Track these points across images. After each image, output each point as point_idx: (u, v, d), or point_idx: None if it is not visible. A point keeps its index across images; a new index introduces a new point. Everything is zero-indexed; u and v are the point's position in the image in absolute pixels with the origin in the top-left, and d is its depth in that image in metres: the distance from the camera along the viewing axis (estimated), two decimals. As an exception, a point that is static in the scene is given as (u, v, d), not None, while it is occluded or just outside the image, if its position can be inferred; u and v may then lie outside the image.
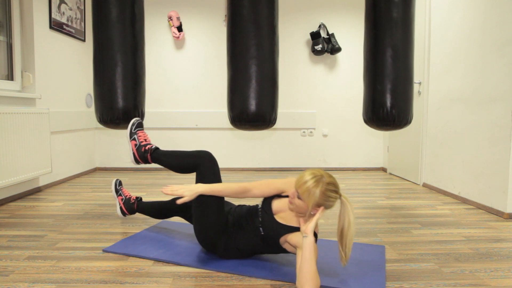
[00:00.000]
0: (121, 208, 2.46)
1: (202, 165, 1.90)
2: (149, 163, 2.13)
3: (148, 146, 2.13)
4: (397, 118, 2.46)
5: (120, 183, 2.54)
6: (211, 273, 1.75)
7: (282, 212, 1.78)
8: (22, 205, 2.92)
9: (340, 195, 1.63)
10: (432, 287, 1.62)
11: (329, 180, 1.60)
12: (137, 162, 2.17)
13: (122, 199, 2.47)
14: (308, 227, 1.59)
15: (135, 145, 2.15)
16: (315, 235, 1.63)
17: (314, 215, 1.61)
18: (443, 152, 3.44)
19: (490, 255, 1.98)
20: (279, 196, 1.83)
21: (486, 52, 2.88)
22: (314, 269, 1.52)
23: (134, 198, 2.44)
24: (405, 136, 4.15)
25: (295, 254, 1.73)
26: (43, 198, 3.14)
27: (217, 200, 1.85)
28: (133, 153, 2.16)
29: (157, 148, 2.13)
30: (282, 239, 1.72)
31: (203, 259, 1.88)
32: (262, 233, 1.77)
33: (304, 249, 1.56)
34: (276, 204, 1.80)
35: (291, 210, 1.69)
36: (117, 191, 2.50)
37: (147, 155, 2.12)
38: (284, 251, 1.77)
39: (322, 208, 1.61)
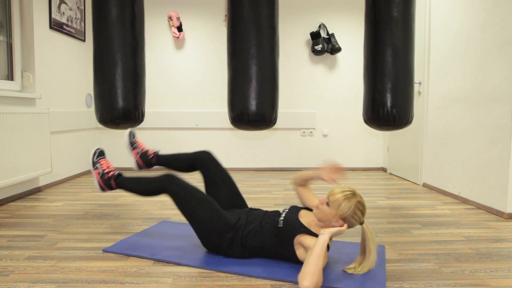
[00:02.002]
0: (136, 161, 2.37)
1: (168, 189, 1.92)
2: (114, 189, 2.16)
3: (111, 172, 2.17)
4: (397, 117, 2.46)
5: (134, 135, 2.45)
6: (211, 273, 1.75)
7: (307, 218, 1.84)
8: (22, 205, 2.92)
9: (363, 222, 1.74)
10: (432, 287, 1.62)
11: (360, 200, 1.73)
12: (102, 190, 2.20)
13: (138, 153, 2.39)
14: (328, 229, 1.66)
15: (99, 173, 2.19)
16: (328, 247, 1.69)
17: (335, 225, 1.70)
18: (443, 152, 3.44)
19: (490, 255, 1.98)
20: (307, 208, 1.96)
21: (486, 52, 2.88)
22: (319, 266, 1.54)
23: (152, 152, 2.37)
24: (405, 136, 4.15)
25: (298, 263, 1.75)
26: (43, 198, 3.14)
27: (206, 206, 1.88)
28: (97, 182, 2.19)
29: (120, 174, 2.17)
30: (297, 238, 1.74)
31: (203, 259, 1.88)
32: (280, 225, 1.79)
33: (316, 245, 1.59)
34: (304, 212, 1.90)
35: (316, 215, 1.77)
36: (131, 144, 2.42)
37: (111, 181, 2.15)
38: (290, 255, 1.78)
39: (344, 224, 1.70)
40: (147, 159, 2.37)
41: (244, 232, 1.85)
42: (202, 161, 2.21)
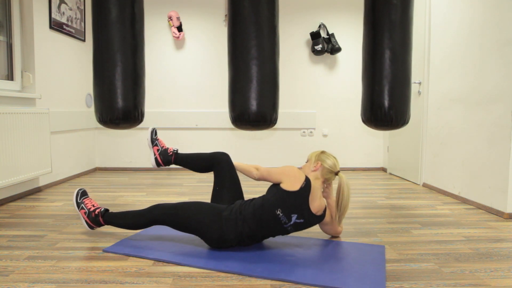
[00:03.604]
0: (156, 158, 2.40)
1: (159, 220, 2.01)
2: (103, 225, 2.21)
3: (97, 210, 2.20)
4: (394, 118, 2.48)
5: (156, 133, 2.49)
6: (211, 273, 1.75)
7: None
8: (22, 205, 2.92)
9: (339, 171, 2.12)
10: (432, 287, 1.62)
11: (325, 151, 2.19)
12: (91, 227, 2.23)
13: (158, 150, 2.42)
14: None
15: (85, 213, 2.22)
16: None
17: (315, 170, 2.09)
18: (443, 152, 3.44)
19: (490, 255, 1.98)
20: None
21: (485, 52, 2.88)
22: (246, 166, 2.23)
23: (172, 149, 2.40)
24: (405, 136, 4.15)
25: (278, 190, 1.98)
26: (43, 198, 3.14)
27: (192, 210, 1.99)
28: (85, 221, 2.22)
29: (106, 210, 2.20)
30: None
31: (203, 259, 1.88)
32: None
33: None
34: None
35: (301, 168, 2.17)
36: (153, 141, 2.45)
37: (98, 219, 2.18)
38: (274, 192, 1.97)
39: (320, 163, 2.09)
40: (166, 157, 2.39)
41: (240, 207, 1.99)
42: (219, 162, 2.25)
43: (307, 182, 1.95)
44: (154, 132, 2.48)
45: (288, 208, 1.92)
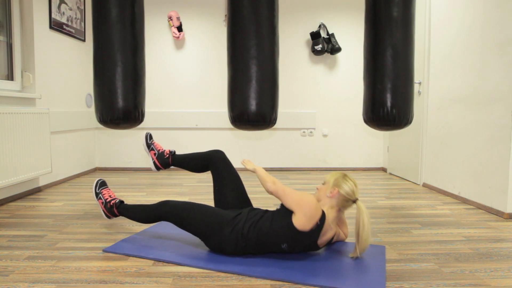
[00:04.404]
0: (154, 162, 2.43)
1: (165, 217, 2.03)
2: (118, 216, 2.26)
3: (113, 201, 2.26)
4: (397, 118, 2.46)
5: (151, 137, 2.50)
6: (211, 273, 1.75)
7: None
8: (22, 205, 2.92)
9: (357, 199, 1.91)
10: (432, 287, 1.62)
11: (347, 174, 1.99)
12: (108, 217, 2.30)
13: (155, 154, 2.44)
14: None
15: (102, 203, 2.29)
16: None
17: (331, 197, 1.91)
18: (443, 152, 3.44)
19: (490, 255, 1.98)
20: None
21: (486, 52, 2.88)
22: (266, 177, 1.97)
23: (168, 152, 2.42)
24: (405, 136, 4.15)
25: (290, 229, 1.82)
26: (43, 198, 3.14)
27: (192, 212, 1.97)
28: (103, 211, 2.29)
29: (121, 202, 2.25)
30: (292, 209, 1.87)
31: (203, 259, 1.88)
32: (278, 207, 1.94)
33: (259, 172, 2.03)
34: None
35: (315, 196, 1.94)
36: (149, 145, 2.47)
37: (113, 210, 2.24)
38: (283, 224, 1.82)
39: (337, 190, 1.90)
40: (164, 159, 2.41)
41: (244, 225, 1.88)
42: (214, 161, 2.25)
43: (321, 221, 1.81)
44: (149, 137, 2.50)
45: (295, 244, 1.85)
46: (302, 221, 1.77)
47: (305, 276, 1.69)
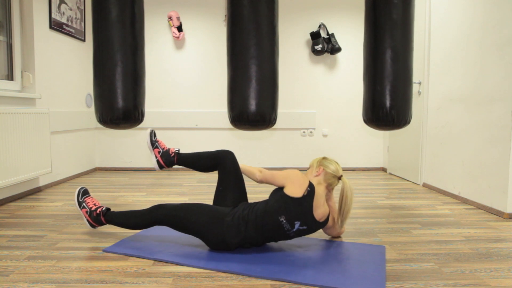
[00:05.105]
0: (158, 161, 2.38)
1: (160, 221, 2.01)
2: (104, 224, 2.20)
3: (99, 209, 2.20)
4: (396, 118, 2.48)
5: (155, 134, 2.46)
6: (211, 273, 1.75)
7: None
8: (22, 205, 2.92)
9: (341, 175, 2.09)
10: (432, 287, 1.62)
11: (326, 156, 2.21)
12: (93, 226, 2.23)
13: (159, 152, 2.39)
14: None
15: (87, 212, 2.21)
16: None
17: (318, 175, 2.10)
18: (443, 152, 3.44)
19: (490, 255, 1.98)
20: None
21: (486, 52, 2.88)
22: (250, 169, 2.22)
23: (173, 150, 2.38)
24: (405, 136, 4.15)
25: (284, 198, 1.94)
26: (43, 198, 3.14)
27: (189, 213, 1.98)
28: (87, 220, 2.22)
29: (108, 209, 2.20)
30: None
31: (203, 259, 1.88)
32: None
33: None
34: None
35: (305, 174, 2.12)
36: (153, 143, 2.42)
37: (100, 218, 2.18)
38: (277, 197, 1.94)
39: (322, 168, 2.10)
40: (168, 158, 2.37)
41: (243, 211, 1.97)
42: (224, 161, 2.22)
43: (311, 188, 1.93)
44: (153, 134, 2.44)
45: (292, 215, 1.90)
46: (292, 188, 1.92)
47: (305, 276, 1.69)
